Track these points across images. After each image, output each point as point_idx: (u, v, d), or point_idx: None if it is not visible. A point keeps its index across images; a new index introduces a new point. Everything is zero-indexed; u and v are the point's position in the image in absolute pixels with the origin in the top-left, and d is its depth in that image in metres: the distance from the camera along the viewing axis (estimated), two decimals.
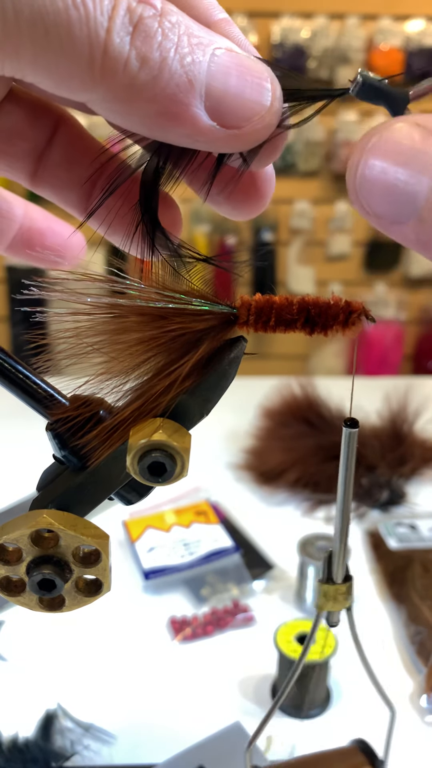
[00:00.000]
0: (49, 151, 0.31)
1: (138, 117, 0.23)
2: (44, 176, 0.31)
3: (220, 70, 0.23)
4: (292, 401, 1.15)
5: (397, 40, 2.33)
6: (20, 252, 0.37)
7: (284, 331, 0.29)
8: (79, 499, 0.29)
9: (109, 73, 0.22)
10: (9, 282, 2.46)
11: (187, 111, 0.23)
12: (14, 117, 0.30)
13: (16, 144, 0.30)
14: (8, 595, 0.29)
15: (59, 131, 0.31)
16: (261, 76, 0.24)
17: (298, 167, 2.49)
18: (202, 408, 0.28)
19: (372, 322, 0.29)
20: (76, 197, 0.31)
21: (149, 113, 0.22)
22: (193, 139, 0.23)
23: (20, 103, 0.30)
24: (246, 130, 0.24)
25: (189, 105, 0.22)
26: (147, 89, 0.22)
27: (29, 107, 0.30)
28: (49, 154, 0.31)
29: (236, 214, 0.30)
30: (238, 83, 0.23)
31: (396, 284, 2.65)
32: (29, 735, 0.63)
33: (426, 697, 0.67)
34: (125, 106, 0.22)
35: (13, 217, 0.36)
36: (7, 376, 0.29)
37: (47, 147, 0.31)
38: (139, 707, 0.67)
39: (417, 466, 1.08)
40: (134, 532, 0.89)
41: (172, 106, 0.22)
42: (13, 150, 0.30)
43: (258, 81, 0.24)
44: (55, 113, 0.31)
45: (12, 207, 0.36)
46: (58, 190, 0.32)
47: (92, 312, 0.27)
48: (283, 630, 0.67)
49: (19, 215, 0.36)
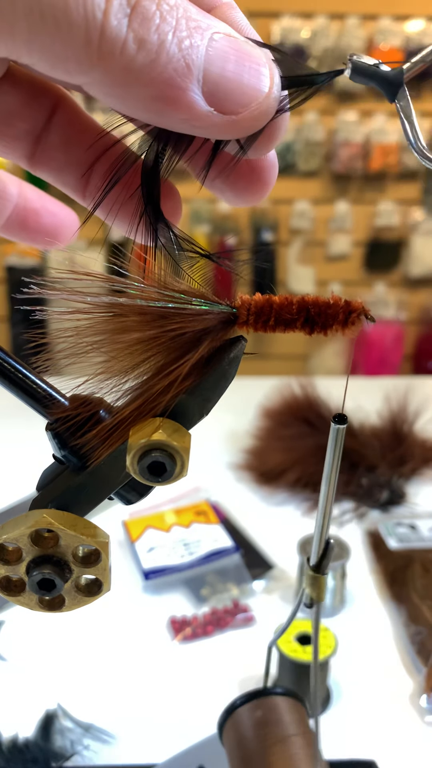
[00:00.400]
0: (48, 132, 0.30)
1: (134, 101, 0.22)
2: (42, 158, 0.31)
3: (218, 55, 0.23)
4: (292, 401, 1.15)
5: (397, 40, 2.33)
6: (15, 232, 0.37)
7: (284, 331, 0.29)
8: (79, 498, 0.29)
9: (105, 56, 0.21)
10: (9, 282, 2.46)
11: (184, 96, 0.22)
12: (12, 97, 0.29)
13: (14, 125, 0.30)
14: (8, 595, 0.29)
15: (58, 112, 0.30)
16: (259, 62, 0.23)
17: (298, 167, 2.49)
18: (201, 408, 0.28)
19: (371, 321, 0.29)
20: (75, 179, 0.31)
21: (146, 97, 0.22)
22: (189, 124, 0.23)
23: (18, 83, 0.30)
24: (243, 117, 0.23)
25: (186, 90, 0.22)
26: (144, 73, 0.22)
27: (27, 87, 0.30)
28: (47, 136, 0.30)
29: (238, 200, 0.30)
30: (236, 68, 0.23)
31: (396, 284, 2.65)
32: (29, 735, 0.63)
33: (426, 697, 0.67)
34: (122, 89, 0.22)
35: (7, 197, 0.36)
36: (7, 376, 0.29)
37: (45, 128, 0.30)
38: (139, 707, 0.67)
39: (417, 466, 1.08)
40: (134, 532, 0.89)
41: (169, 91, 0.22)
42: (11, 131, 0.30)
43: (256, 67, 0.23)
44: (53, 94, 0.30)
45: (6, 186, 0.36)
46: (56, 171, 0.31)
47: (92, 311, 0.27)
48: None
49: (14, 194, 0.36)
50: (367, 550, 0.92)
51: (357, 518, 0.99)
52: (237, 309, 0.28)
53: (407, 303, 2.64)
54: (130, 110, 0.23)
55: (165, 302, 0.27)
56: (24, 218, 0.36)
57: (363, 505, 1.01)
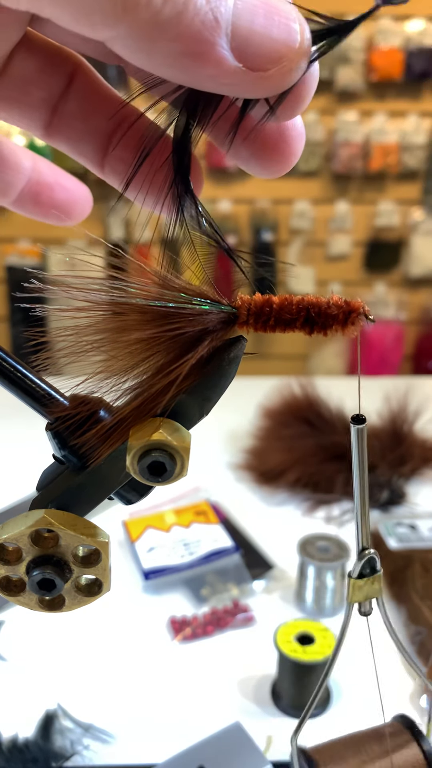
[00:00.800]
0: (65, 100, 0.30)
1: (160, 57, 0.22)
2: (59, 127, 0.30)
3: (246, 9, 0.22)
4: (292, 401, 1.15)
5: (397, 40, 2.33)
6: (27, 206, 0.36)
7: (284, 331, 0.29)
8: (79, 498, 0.29)
9: (131, 8, 0.20)
10: (9, 282, 2.46)
11: (212, 51, 0.21)
12: (28, 64, 0.29)
13: (30, 92, 0.29)
14: (8, 595, 0.29)
15: (75, 80, 0.30)
16: (289, 17, 0.22)
17: (298, 167, 2.49)
18: (201, 408, 0.28)
19: (371, 321, 0.29)
20: (92, 149, 0.30)
21: (172, 53, 0.21)
22: (217, 81, 0.22)
23: (35, 49, 0.29)
24: (273, 73, 0.22)
25: (214, 44, 0.21)
26: (171, 26, 0.21)
27: (44, 54, 0.29)
28: (64, 104, 0.30)
29: (264, 171, 0.29)
30: (265, 23, 0.22)
31: (396, 284, 2.65)
32: (29, 735, 0.63)
33: (426, 697, 0.67)
34: (147, 44, 0.21)
35: (21, 170, 0.35)
36: (7, 376, 0.29)
37: (63, 97, 0.30)
38: (139, 707, 0.67)
39: (417, 466, 1.08)
40: (134, 532, 0.89)
41: (197, 46, 0.21)
42: (27, 99, 0.29)
43: (286, 21, 0.22)
44: (71, 61, 0.30)
45: (20, 159, 0.35)
46: (73, 141, 0.30)
47: (92, 309, 0.27)
48: (283, 630, 0.67)
49: (28, 168, 0.35)
50: None
51: None
52: (237, 309, 0.28)
53: (407, 303, 2.64)
54: (155, 67, 0.22)
55: (165, 301, 0.27)
56: (37, 193, 0.35)
57: None
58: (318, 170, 2.51)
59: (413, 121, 2.43)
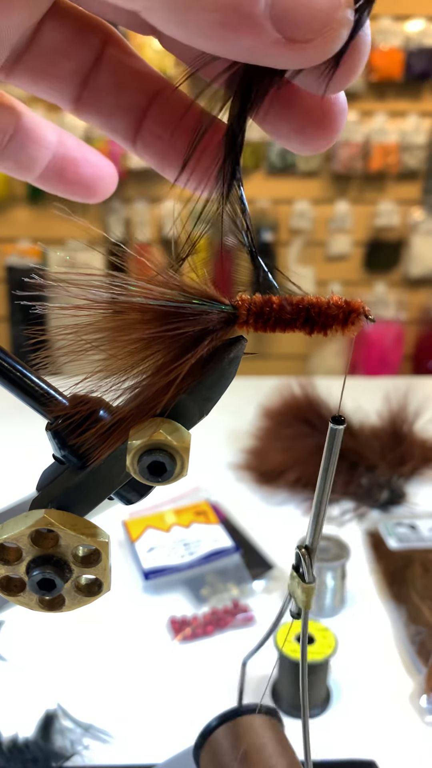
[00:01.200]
0: (96, 73, 0.29)
1: (196, 27, 0.21)
2: (89, 100, 0.29)
3: None
4: (292, 401, 1.15)
5: (397, 40, 2.33)
6: (51, 183, 0.35)
7: (283, 331, 0.29)
8: (79, 498, 0.29)
9: None
10: (9, 282, 2.46)
11: (251, 21, 0.20)
12: (58, 34, 0.27)
13: (59, 63, 0.28)
14: (8, 595, 0.29)
15: (107, 52, 0.28)
16: None
17: (298, 167, 2.49)
18: (201, 407, 0.28)
19: (371, 321, 0.29)
20: (124, 125, 0.29)
21: (209, 23, 0.20)
22: (256, 53, 0.21)
23: (65, 18, 0.28)
24: (315, 44, 0.21)
25: (253, 14, 0.20)
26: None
27: (74, 23, 0.28)
28: (95, 77, 0.29)
29: (303, 147, 0.27)
30: None
31: (396, 284, 2.65)
32: (29, 735, 0.63)
33: (426, 697, 0.67)
34: (183, 14, 0.20)
35: (47, 144, 0.33)
36: (7, 376, 0.29)
37: (93, 69, 0.28)
38: (139, 707, 0.67)
39: (417, 466, 1.08)
40: (134, 532, 0.89)
41: (235, 16, 0.20)
42: (56, 70, 0.28)
43: None
44: (102, 31, 0.28)
45: (45, 133, 0.33)
46: (104, 116, 0.29)
47: (92, 308, 0.27)
48: (283, 630, 0.67)
49: (53, 142, 0.34)
50: (367, 550, 0.91)
51: (357, 518, 0.99)
52: (237, 309, 0.28)
53: (407, 303, 2.64)
54: (191, 38, 0.21)
55: (165, 301, 0.27)
56: (62, 168, 0.34)
57: (363, 505, 1.01)
58: (318, 170, 2.51)
59: (413, 121, 2.44)
